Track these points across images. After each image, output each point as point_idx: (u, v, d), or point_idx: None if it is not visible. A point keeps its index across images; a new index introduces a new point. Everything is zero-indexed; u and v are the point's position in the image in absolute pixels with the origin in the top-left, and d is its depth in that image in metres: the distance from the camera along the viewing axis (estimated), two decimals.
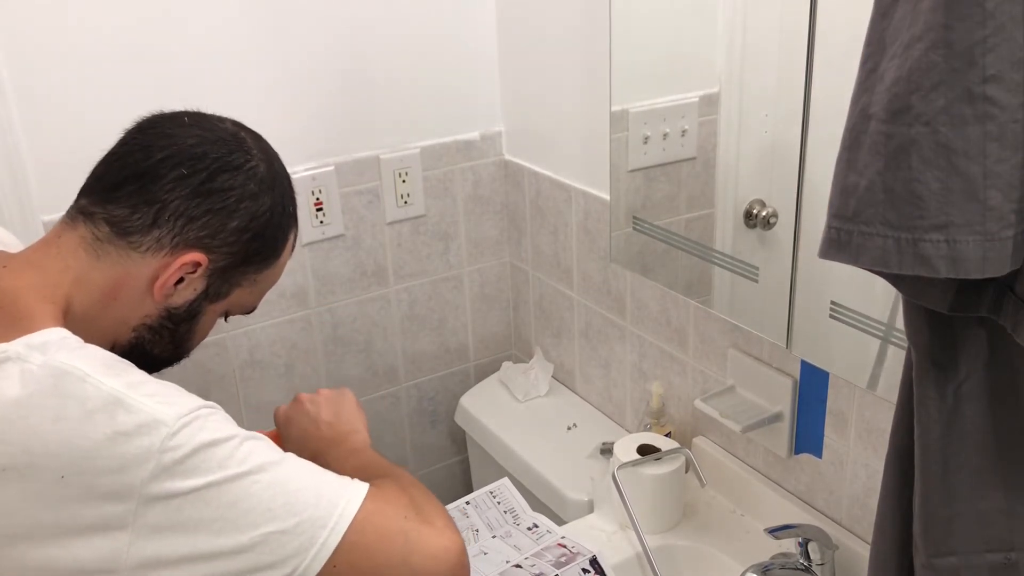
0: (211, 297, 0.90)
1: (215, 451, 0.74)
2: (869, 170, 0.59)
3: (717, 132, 1.17)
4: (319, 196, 1.52)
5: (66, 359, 0.75)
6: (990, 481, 0.69)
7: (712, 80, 1.15)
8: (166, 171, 0.84)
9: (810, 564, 1.10)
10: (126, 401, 0.73)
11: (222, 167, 0.85)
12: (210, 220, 0.85)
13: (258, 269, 0.92)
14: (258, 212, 0.88)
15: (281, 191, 0.91)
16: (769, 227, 1.10)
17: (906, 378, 0.71)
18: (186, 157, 0.84)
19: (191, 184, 0.84)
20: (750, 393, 1.24)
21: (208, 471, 0.73)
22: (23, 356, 0.75)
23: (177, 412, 0.74)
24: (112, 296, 0.84)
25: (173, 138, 0.85)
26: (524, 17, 1.55)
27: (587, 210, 1.49)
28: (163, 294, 0.86)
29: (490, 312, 1.79)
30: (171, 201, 0.83)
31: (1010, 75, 0.55)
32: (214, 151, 0.86)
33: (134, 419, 0.72)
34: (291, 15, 1.43)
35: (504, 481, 1.35)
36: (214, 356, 1.50)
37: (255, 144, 0.90)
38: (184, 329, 0.91)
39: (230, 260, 0.88)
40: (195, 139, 0.86)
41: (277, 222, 0.91)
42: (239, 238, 0.87)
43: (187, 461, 0.73)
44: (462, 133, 1.64)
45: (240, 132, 0.90)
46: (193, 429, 0.74)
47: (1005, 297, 0.62)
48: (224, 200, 0.85)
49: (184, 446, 0.73)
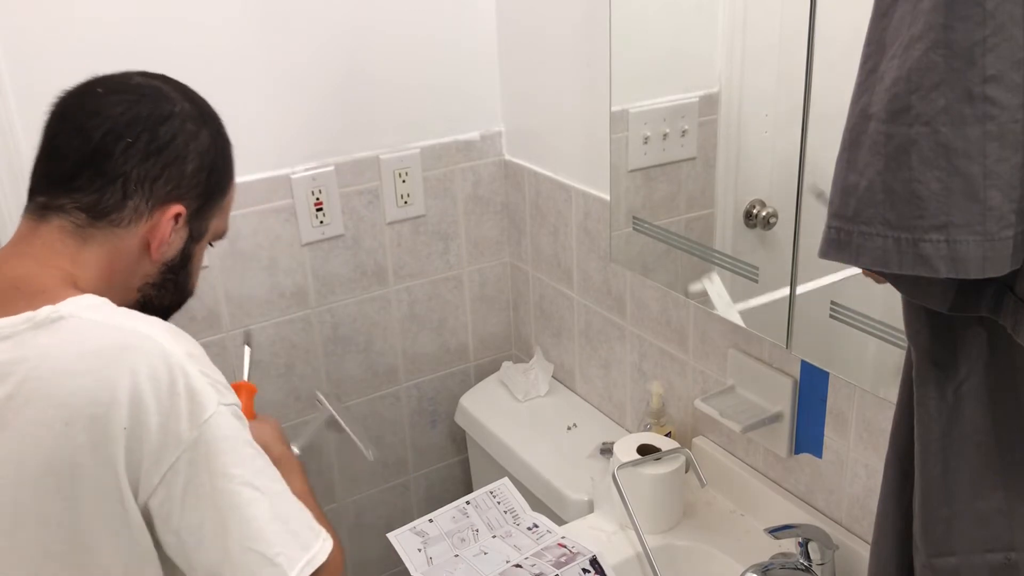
0: (196, 238, 0.95)
1: (241, 447, 0.82)
2: (869, 170, 0.59)
3: (717, 132, 1.17)
4: (319, 196, 1.52)
5: (127, 318, 0.81)
6: (990, 481, 0.69)
7: (712, 80, 1.15)
8: (112, 146, 0.86)
9: (810, 564, 1.10)
10: (187, 368, 0.80)
11: (157, 121, 0.89)
12: (171, 173, 0.89)
13: (222, 196, 0.97)
14: (204, 148, 0.92)
15: (211, 119, 0.95)
16: (769, 227, 1.10)
17: (906, 378, 0.71)
18: (123, 125, 0.87)
19: (139, 148, 0.87)
20: (750, 393, 1.24)
21: (234, 462, 0.81)
22: (77, 314, 0.80)
23: (221, 399, 0.82)
24: (109, 272, 0.88)
25: (100, 114, 0.87)
26: (524, 17, 1.55)
27: (587, 210, 1.49)
28: (162, 250, 0.91)
29: (490, 312, 1.79)
30: (131, 170, 0.87)
31: (1010, 75, 0.55)
32: (143, 110, 0.88)
33: (192, 385, 0.79)
34: (291, 15, 1.43)
35: (504, 481, 1.35)
36: (214, 356, 1.49)
37: (172, 88, 0.93)
38: (183, 275, 0.97)
39: (201, 200, 0.93)
40: (121, 106, 0.88)
41: (222, 148, 0.96)
42: (199, 178, 0.92)
43: (221, 443, 0.80)
44: (462, 133, 1.64)
45: (152, 81, 0.92)
46: (227, 419, 0.81)
47: (1005, 297, 0.62)
48: (173, 150, 0.89)
49: (219, 430, 0.80)
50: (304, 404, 1.63)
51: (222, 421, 0.81)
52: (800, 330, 1.07)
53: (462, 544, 1.21)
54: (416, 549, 1.20)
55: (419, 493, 1.84)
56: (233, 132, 1.50)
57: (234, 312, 1.51)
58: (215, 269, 1.47)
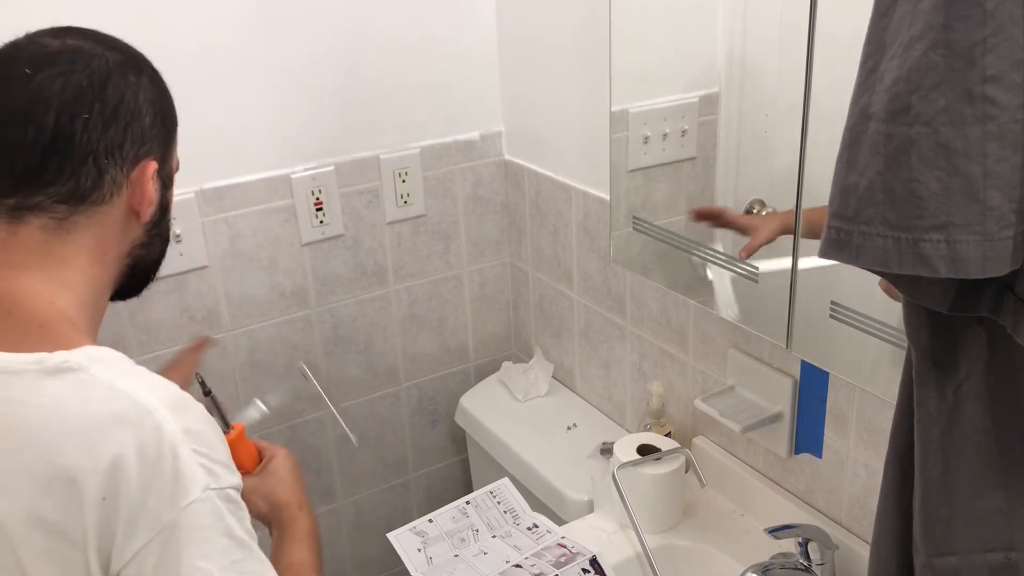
0: (167, 184, 0.94)
1: (220, 539, 0.77)
2: (869, 170, 0.59)
3: (717, 132, 1.17)
4: (319, 196, 1.52)
5: (134, 387, 0.77)
6: (990, 481, 0.69)
7: (712, 80, 1.15)
8: (69, 126, 0.82)
9: (810, 564, 1.10)
10: (178, 448, 0.76)
11: (100, 86, 0.84)
12: (133, 132, 0.86)
13: (175, 133, 0.95)
14: (150, 96, 0.89)
15: (142, 61, 0.91)
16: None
17: (906, 378, 0.71)
18: (70, 102, 0.82)
19: (95, 119, 0.84)
20: (750, 393, 1.24)
21: (202, 555, 0.76)
22: (85, 367, 0.77)
23: (208, 483, 0.77)
24: (99, 252, 0.87)
25: (41, 95, 0.82)
26: (524, 17, 1.55)
27: (587, 210, 1.49)
28: (149, 213, 0.90)
29: (490, 312, 1.79)
30: (97, 144, 0.84)
31: (1010, 75, 0.55)
32: (81, 79, 0.84)
33: (179, 467, 0.75)
34: (291, 15, 1.43)
35: (504, 481, 1.35)
36: (214, 356, 1.50)
37: (86, 42, 0.88)
38: (164, 224, 0.96)
39: (162, 148, 0.91)
40: (57, 82, 0.83)
41: (161, 88, 0.92)
42: (156, 128, 0.89)
43: (197, 534, 0.76)
44: (462, 133, 1.64)
45: (68, 40, 0.87)
46: (212, 506, 0.77)
47: (1005, 297, 0.61)
48: (127, 109, 0.86)
49: (199, 518, 0.76)
50: (305, 404, 1.63)
51: (203, 508, 0.76)
52: (800, 330, 1.07)
53: (462, 544, 1.21)
54: (416, 549, 1.20)
55: (419, 493, 1.84)
56: (233, 132, 1.51)
57: (234, 312, 1.51)
58: (215, 269, 1.47)
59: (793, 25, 0.97)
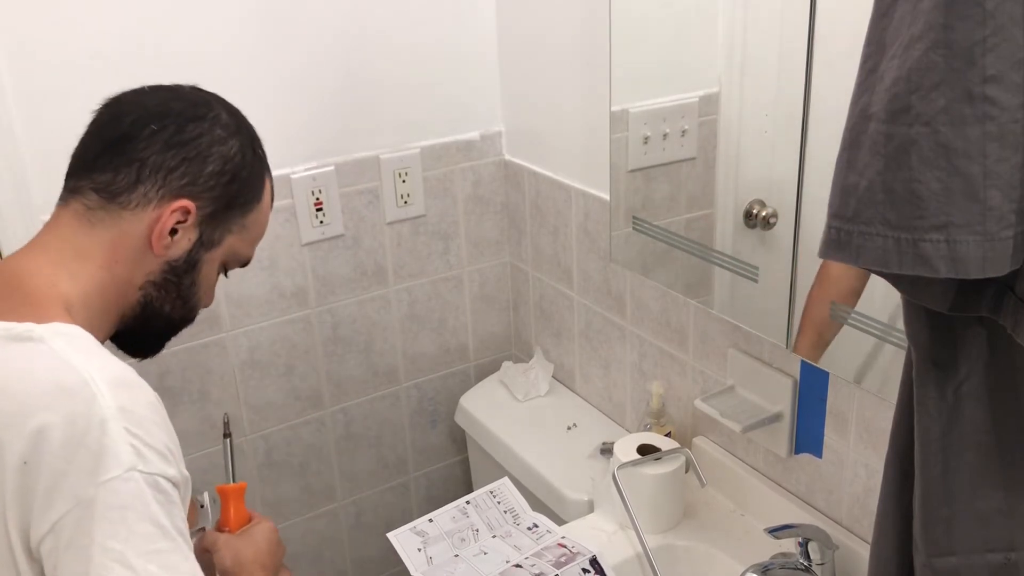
0: (206, 245, 0.94)
1: (139, 524, 0.75)
2: (869, 170, 0.59)
3: (717, 132, 1.17)
4: (319, 196, 1.52)
5: (83, 361, 0.78)
6: (990, 481, 0.69)
7: (712, 80, 1.15)
8: (138, 131, 0.88)
9: (810, 564, 1.10)
10: (108, 424, 0.75)
11: (188, 118, 0.91)
12: (188, 168, 0.90)
13: (243, 212, 0.96)
14: (229, 155, 0.92)
15: (247, 135, 0.96)
16: (769, 227, 1.10)
17: (906, 378, 0.71)
18: (154, 115, 0.90)
19: (163, 137, 0.89)
20: (750, 393, 1.24)
21: (114, 535, 0.74)
22: (46, 339, 0.79)
23: (136, 464, 0.75)
24: (113, 259, 0.89)
25: (138, 103, 0.91)
26: (524, 17, 1.55)
27: (587, 210, 1.50)
28: (161, 245, 0.90)
29: (490, 312, 1.79)
30: (149, 156, 0.88)
31: (1010, 75, 0.55)
32: (178, 106, 0.91)
33: (102, 443, 0.75)
34: (291, 15, 1.43)
35: (504, 481, 1.35)
36: (214, 356, 1.50)
37: (215, 99, 0.95)
38: (188, 282, 0.95)
39: (215, 205, 0.93)
40: (159, 99, 0.92)
41: (250, 163, 0.95)
42: (218, 181, 0.92)
43: (110, 513, 0.74)
44: (462, 133, 1.64)
45: (200, 91, 0.96)
46: (134, 487, 0.75)
47: (1005, 297, 0.62)
48: (196, 147, 0.90)
49: (116, 497, 0.74)
50: (305, 404, 1.63)
51: (124, 488, 0.74)
52: None
53: (462, 544, 1.21)
54: (416, 549, 1.20)
55: (419, 493, 1.84)
56: None
57: (234, 312, 1.51)
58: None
59: (793, 25, 0.97)
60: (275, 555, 1.04)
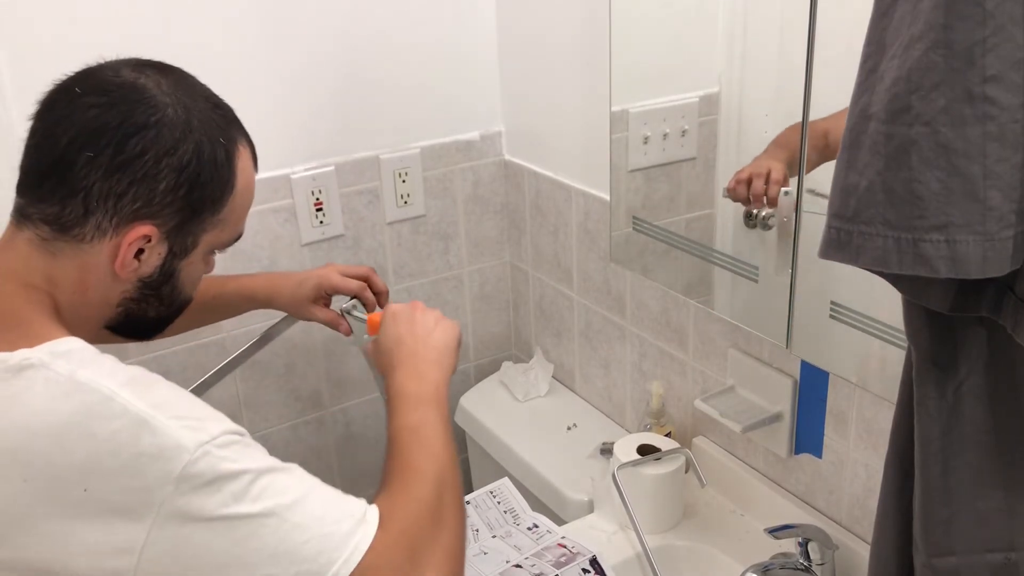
0: (179, 255, 0.88)
1: (232, 484, 0.74)
2: (869, 170, 0.59)
3: (717, 132, 1.17)
4: (319, 196, 1.52)
5: (93, 376, 0.76)
6: (990, 481, 0.69)
7: (712, 80, 1.15)
8: (75, 156, 0.80)
9: (810, 564, 1.10)
10: (151, 423, 0.73)
11: (127, 133, 0.80)
12: (138, 190, 0.81)
13: (215, 210, 0.87)
14: (182, 163, 0.83)
15: (203, 125, 0.85)
16: (769, 227, 1.10)
17: (906, 378, 0.71)
18: (88, 136, 0.80)
19: (102, 163, 0.80)
20: (750, 393, 1.24)
21: (223, 503, 0.74)
22: (47, 364, 0.76)
23: (199, 439, 0.74)
24: (84, 286, 0.84)
25: (70, 118, 0.81)
26: (524, 17, 1.55)
27: (587, 210, 1.50)
28: (128, 271, 0.84)
29: (490, 312, 1.79)
30: (92, 184, 0.80)
31: (1010, 75, 0.55)
32: (113, 118, 0.80)
33: (158, 442, 0.73)
34: (291, 15, 1.43)
35: (504, 481, 1.35)
36: (214, 356, 1.50)
37: (157, 86, 0.83)
38: (167, 289, 0.90)
39: (179, 217, 0.85)
40: (91, 111, 0.81)
41: (210, 160, 0.85)
42: (175, 196, 0.83)
43: (205, 489, 0.73)
44: (462, 133, 1.64)
45: (139, 79, 0.83)
46: (213, 459, 0.74)
47: (1005, 297, 0.62)
48: (142, 166, 0.81)
49: (203, 475, 0.73)
50: (305, 404, 1.63)
51: (204, 463, 0.74)
52: (800, 330, 1.07)
53: None
54: None
55: None
56: None
57: None
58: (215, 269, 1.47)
59: (793, 25, 0.97)
60: (413, 326, 1.03)
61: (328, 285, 1.28)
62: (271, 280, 1.31)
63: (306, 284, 1.28)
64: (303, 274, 1.31)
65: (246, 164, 0.91)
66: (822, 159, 0.99)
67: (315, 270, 1.30)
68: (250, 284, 1.30)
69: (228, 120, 0.89)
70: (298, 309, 1.30)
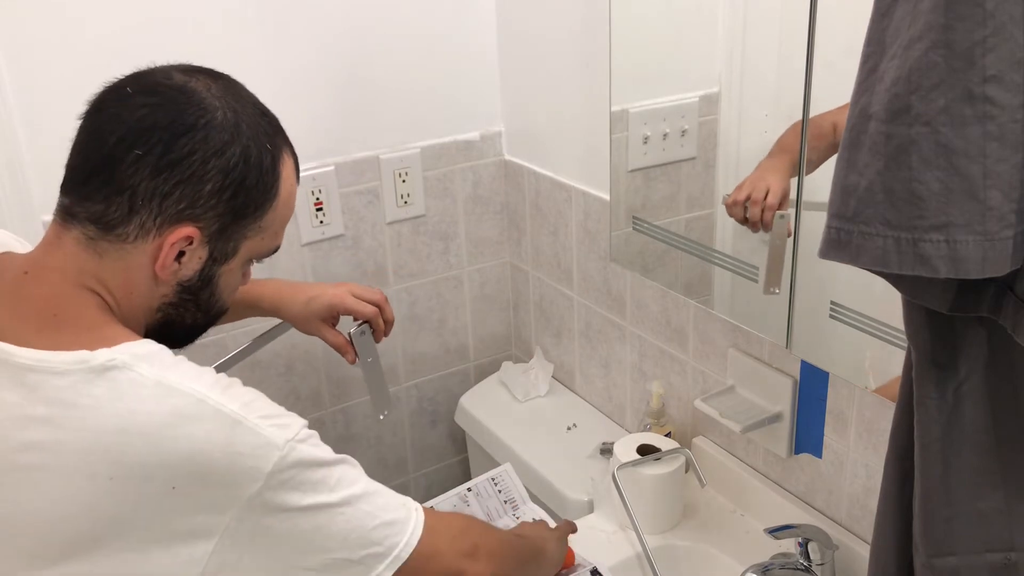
0: (219, 260, 0.88)
1: (313, 474, 0.82)
2: (869, 170, 0.59)
3: (717, 132, 1.17)
4: (319, 196, 1.52)
5: (181, 379, 0.79)
6: (990, 481, 0.69)
7: (712, 80, 1.15)
8: (123, 154, 0.80)
9: (810, 564, 1.10)
10: (244, 423, 0.78)
11: (176, 133, 0.81)
12: (184, 191, 0.81)
13: (257, 217, 0.87)
14: (229, 166, 0.83)
15: (250, 130, 0.85)
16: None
17: (906, 378, 0.71)
18: (137, 134, 0.80)
19: (150, 161, 0.80)
20: (750, 393, 1.24)
21: (305, 494, 0.81)
22: (130, 365, 0.77)
23: (286, 436, 0.80)
24: (128, 289, 0.84)
25: (120, 116, 0.81)
26: (524, 17, 1.55)
27: (587, 210, 1.50)
28: (168, 273, 0.85)
29: (490, 312, 1.79)
30: (139, 184, 0.80)
31: (1010, 75, 0.55)
32: (163, 119, 0.81)
33: (251, 441, 0.78)
34: (291, 15, 1.43)
35: (507, 467, 1.35)
36: (214, 356, 1.50)
37: (207, 90, 0.84)
38: (206, 295, 0.90)
39: (221, 221, 0.85)
40: (141, 111, 0.81)
41: (256, 164, 0.85)
42: (220, 199, 0.83)
43: (290, 482, 0.80)
44: (462, 133, 1.64)
45: (189, 82, 0.84)
46: (299, 452, 0.80)
47: (1005, 297, 0.62)
48: (189, 167, 0.81)
49: (290, 468, 0.80)
50: (305, 404, 1.63)
51: (293, 456, 0.79)
52: (800, 330, 1.07)
53: None
54: None
55: (419, 493, 1.84)
56: None
57: None
58: None
59: (793, 25, 0.97)
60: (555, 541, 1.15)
61: (343, 307, 1.26)
62: (279, 290, 1.29)
63: (318, 302, 1.26)
64: (315, 290, 1.27)
65: (289, 173, 0.91)
66: (832, 151, 0.98)
67: (328, 288, 1.27)
68: (256, 290, 1.27)
69: (275, 128, 0.90)
70: (305, 324, 1.28)
